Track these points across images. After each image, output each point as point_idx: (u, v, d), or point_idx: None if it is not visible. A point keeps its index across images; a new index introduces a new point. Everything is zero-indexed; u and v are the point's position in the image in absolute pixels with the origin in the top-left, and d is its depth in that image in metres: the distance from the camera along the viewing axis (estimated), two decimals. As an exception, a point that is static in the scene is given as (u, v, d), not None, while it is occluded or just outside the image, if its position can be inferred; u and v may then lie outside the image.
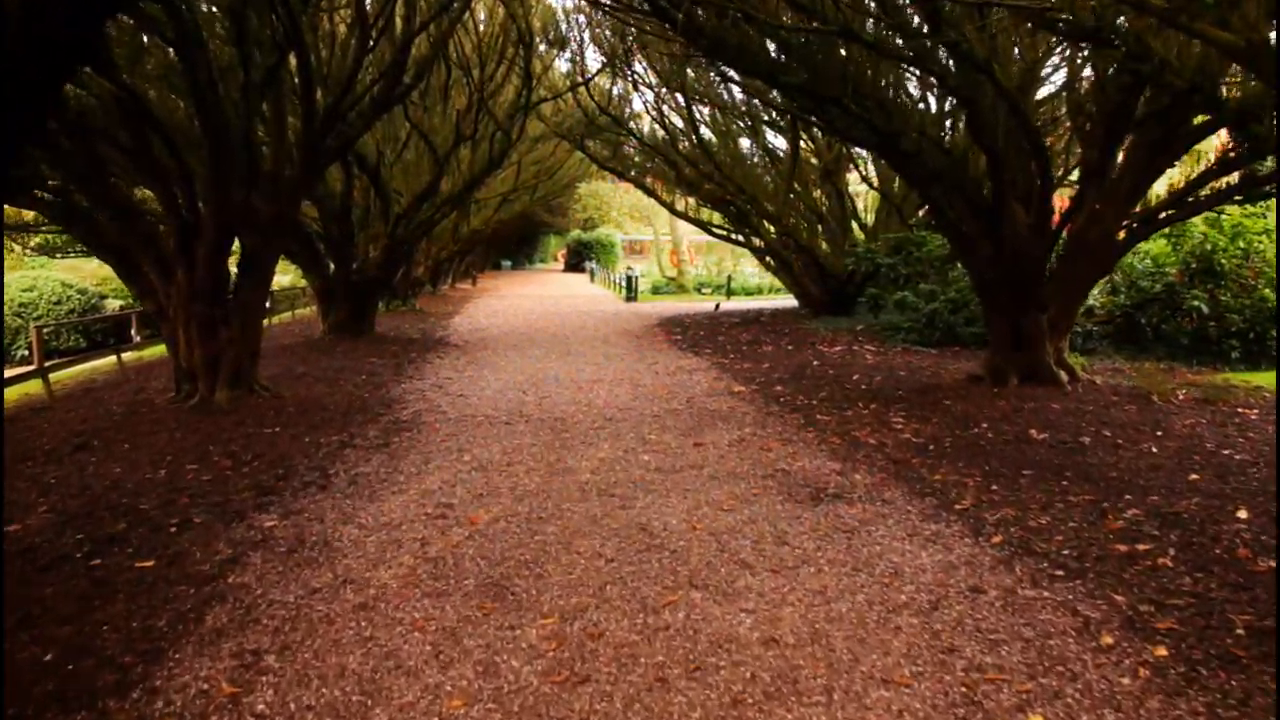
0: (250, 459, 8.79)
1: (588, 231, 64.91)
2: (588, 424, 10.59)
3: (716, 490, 7.67)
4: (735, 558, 6.02)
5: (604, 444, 9.49)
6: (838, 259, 22.26)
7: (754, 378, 14.10)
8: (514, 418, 11.00)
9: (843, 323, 21.48)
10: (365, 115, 12.53)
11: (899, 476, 8.08)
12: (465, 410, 11.48)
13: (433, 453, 9.08)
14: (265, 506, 7.20)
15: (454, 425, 10.52)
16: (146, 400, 11.90)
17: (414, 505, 7.23)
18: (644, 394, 12.77)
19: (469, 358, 16.86)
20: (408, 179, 20.64)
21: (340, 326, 19.07)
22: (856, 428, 10.12)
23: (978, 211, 11.23)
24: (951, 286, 17.87)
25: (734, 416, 11.03)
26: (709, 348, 18.28)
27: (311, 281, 19.55)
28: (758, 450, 9.18)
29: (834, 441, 9.52)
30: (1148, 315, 16.38)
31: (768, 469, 8.39)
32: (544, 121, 23.85)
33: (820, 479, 8.02)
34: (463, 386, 13.46)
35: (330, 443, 9.51)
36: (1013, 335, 12.16)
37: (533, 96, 18.79)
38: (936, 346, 17.23)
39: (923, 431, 9.79)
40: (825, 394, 12.38)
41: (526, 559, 6.00)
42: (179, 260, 10.93)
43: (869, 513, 7.00)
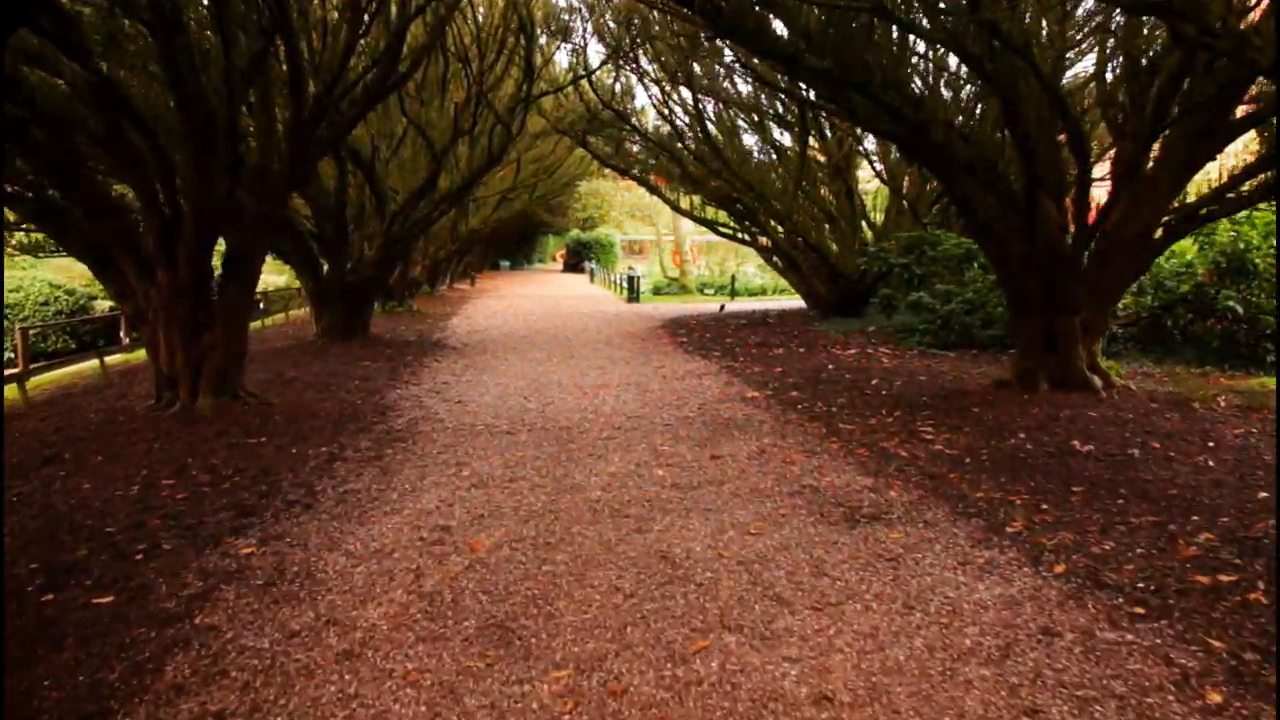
0: (231, 473, 8.10)
1: (587, 231, 64.28)
2: (595, 434, 9.91)
3: (740, 510, 6.98)
4: (770, 592, 5.34)
5: (613, 456, 8.81)
6: (848, 259, 21.59)
7: (767, 383, 13.42)
8: (516, 427, 10.32)
9: (853, 324, 20.81)
10: (358, 105, 11.83)
11: (938, 493, 7.40)
12: (464, 418, 10.80)
13: (429, 466, 8.39)
14: (243, 530, 6.51)
15: (452, 435, 9.84)
16: (126, 407, 11.22)
17: (408, 528, 6.54)
18: (653, 400, 12.08)
19: (467, 361, 16.18)
20: (404, 176, 19.96)
21: (334, 329, 18.37)
22: (883, 438, 9.44)
23: (1010, 207, 10.55)
24: (968, 287, 17.20)
25: (750, 425, 10.35)
26: (717, 351, 17.60)
27: (304, 282, 18.85)
28: (780, 463, 8.50)
29: (861, 453, 8.84)
30: (1174, 317, 15.73)
31: (794, 485, 7.71)
32: (544, 117, 23.17)
33: (852, 497, 7.34)
34: (461, 392, 12.78)
35: (319, 455, 8.82)
36: (1044, 338, 11.47)
37: (534, 90, 18.10)
38: (953, 349, 16.56)
39: (955, 442, 9.11)
40: (844, 400, 11.71)
41: (534, 594, 5.31)
42: (159, 259, 10.24)
43: (912, 537, 6.32)
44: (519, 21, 16.53)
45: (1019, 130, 9.66)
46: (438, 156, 17.97)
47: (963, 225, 11.83)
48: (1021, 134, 9.72)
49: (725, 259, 45.68)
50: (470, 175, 19.45)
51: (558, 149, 31.15)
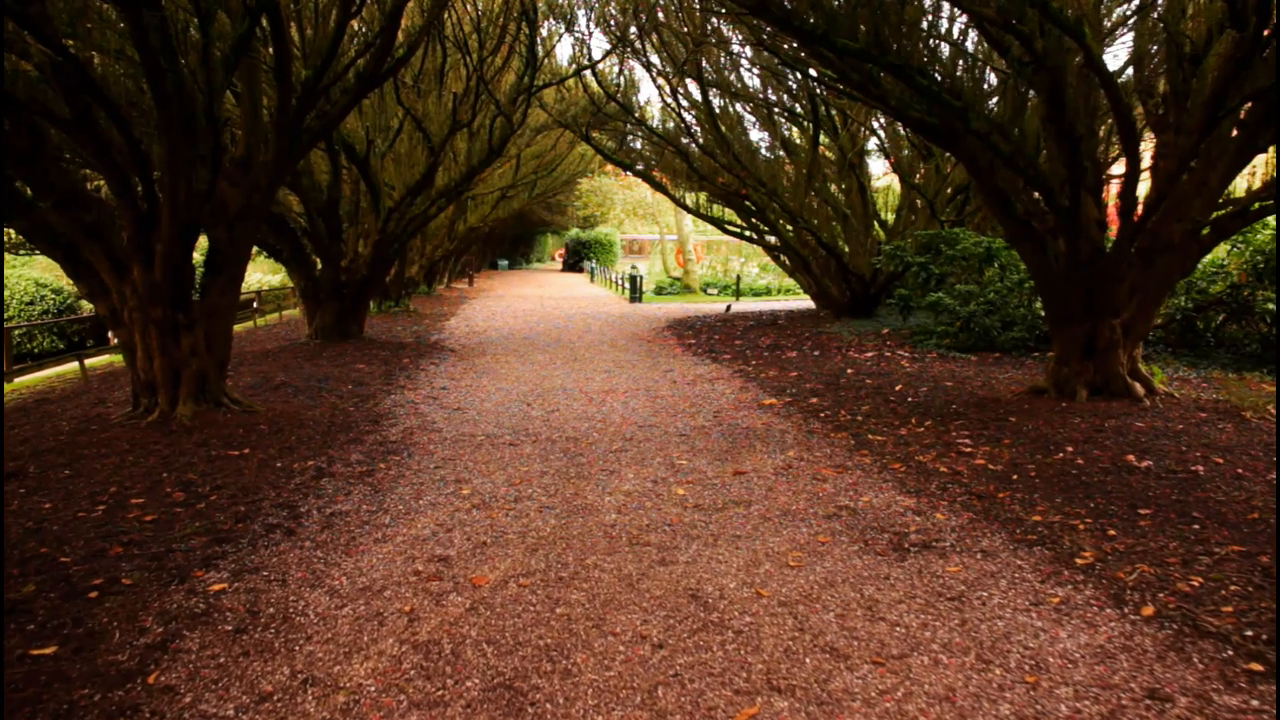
0: (208, 491, 7.35)
1: (586, 230, 63.54)
2: (605, 445, 9.17)
3: (774, 537, 6.24)
4: (821, 641, 4.59)
5: (627, 471, 8.06)
6: (860, 258, 20.85)
7: (784, 388, 12.68)
8: (519, 437, 9.58)
9: (866, 326, 20.07)
10: (351, 92, 11.06)
11: (990, 516, 6.66)
12: (463, 428, 10.05)
13: (425, 484, 7.64)
14: (216, 560, 5.76)
15: (450, 446, 9.09)
16: (102, 415, 10.46)
17: (401, 559, 5.79)
18: (664, 408, 11.34)
19: (466, 365, 15.43)
20: (400, 170, 19.19)
21: (327, 330, 17.62)
22: (918, 451, 8.71)
23: (1050, 204, 9.82)
24: (988, 288, 16.47)
25: (772, 436, 9.62)
26: (727, 353, 16.87)
27: (296, 281, 18.09)
28: (810, 480, 7.76)
29: (897, 469, 8.10)
30: (1207, 319, 15.03)
31: (829, 506, 6.97)
32: (546, 110, 22.39)
33: (896, 520, 6.60)
34: (460, 398, 12.04)
35: (305, 470, 8.07)
36: (1083, 343, 10.74)
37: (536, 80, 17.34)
38: (973, 352, 15.84)
39: (998, 456, 8.38)
40: (869, 408, 10.98)
41: (547, 644, 4.56)
42: (134, 256, 9.49)
43: (971, 569, 5.58)
44: (521, 7, 15.77)
45: (1064, 119, 8.93)
46: (435, 150, 17.20)
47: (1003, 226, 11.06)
48: (1067, 123, 8.98)
49: (728, 258, 44.94)
50: (469, 169, 18.67)
51: (559, 144, 30.38)
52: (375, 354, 16.26)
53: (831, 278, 22.08)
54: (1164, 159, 10.31)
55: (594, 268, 53.10)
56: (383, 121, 17.80)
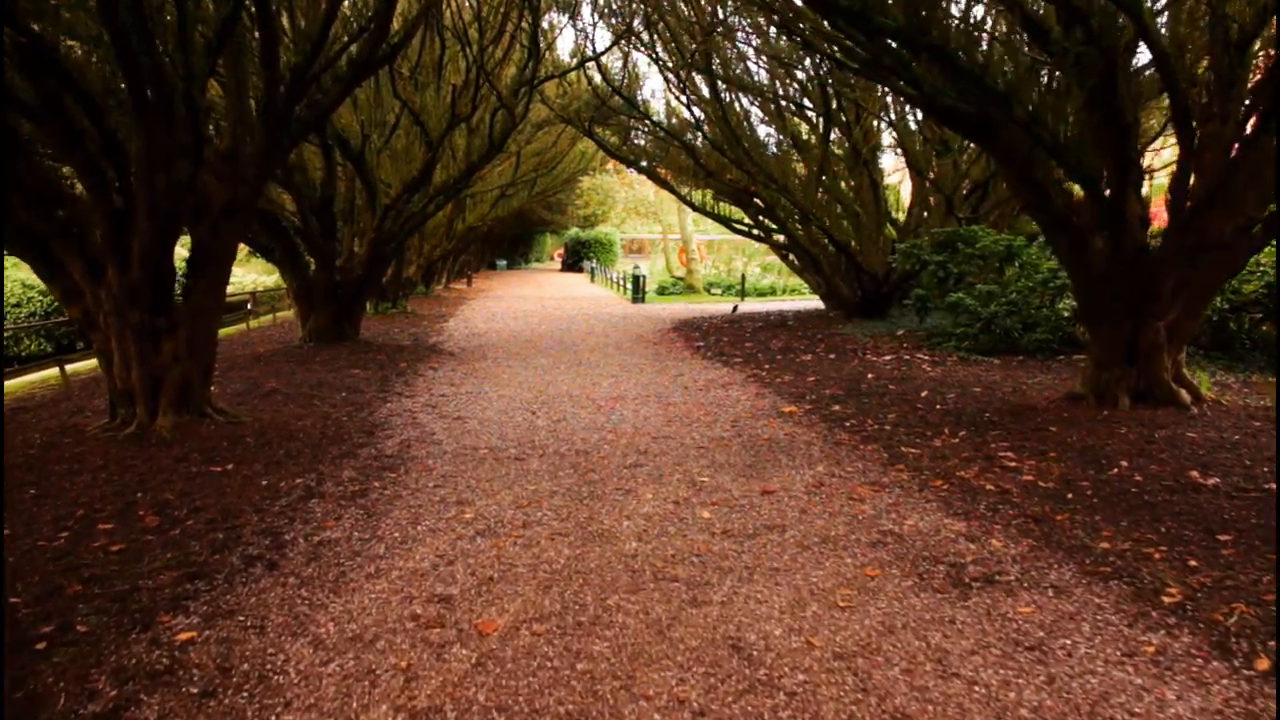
0: (184, 514, 6.66)
1: (586, 230, 62.83)
2: (618, 459, 8.48)
3: (816, 569, 5.55)
4: (890, 706, 3.91)
5: (644, 490, 7.37)
6: (874, 256, 20.16)
7: (803, 394, 11.99)
8: (525, 450, 8.89)
9: (879, 327, 19.38)
10: (343, 81, 10.36)
11: (1051, 543, 5.98)
12: (464, 439, 9.36)
13: (423, 506, 6.94)
14: (186, 600, 5.07)
15: (450, 461, 8.40)
16: (78, 426, 9.75)
17: (397, 599, 5.10)
18: (678, 416, 10.66)
19: (466, 369, 14.73)
20: (397, 167, 18.48)
21: (321, 332, 16.92)
22: (958, 465, 8.03)
23: (1095, 198, 9.15)
24: (1009, 288, 15.78)
25: (796, 447, 8.94)
26: (738, 356, 16.18)
27: (289, 282, 17.39)
28: (846, 500, 7.07)
29: (938, 486, 7.42)
30: (1240, 320, 14.35)
31: (871, 531, 6.29)
32: (548, 104, 21.69)
33: (949, 548, 5.92)
34: (460, 406, 11.34)
35: (292, 489, 7.37)
36: (1124, 347, 10.06)
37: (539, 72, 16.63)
38: (994, 355, 15.16)
39: (1047, 472, 7.69)
40: (895, 416, 10.30)
41: (569, 712, 3.87)
42: (109, 255, 8.79)
43: (1046, 610, 4.90)
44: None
45: (1115, 105, 8.25)
46: (433, 145, 16.49)
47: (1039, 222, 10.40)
48: (1116, 109, 8.30)
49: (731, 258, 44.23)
50: (469, 165, 17.95)
51: (559, 142, 29.68)
52: (371, 358, 15.57)
53: (842, 277, 21.40)
54: (1209, 150, 9.63)
55: (594, 267, 52.42)
56: (379, 116, 17.10)
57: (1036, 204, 9.88)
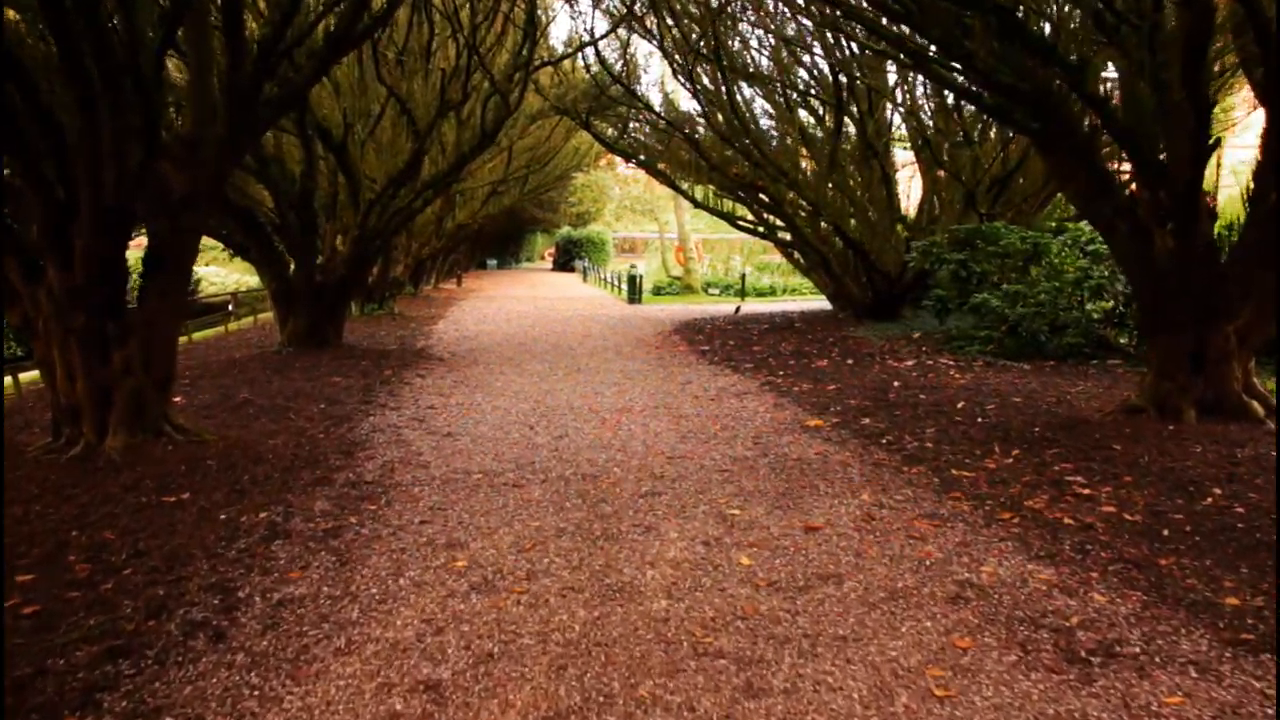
0: (123, 560, 5.57)
1: (578, 229, 61.79)
2: (632, 486, 7.41)
3: (892, 638, 4.49)
4: None
5: (667, 527, 6.30)
6: (886, 254, 19.11)
7: (826, 405, 10.95)
8: (524, 474, 7.82)
9: (893, 329, 18.33)
10: (318, 57, 9.26)
11: (1166, 597, 4.94)
12: (454, 461, 8.28)
13: (407, 549, 5.85)
14: (102, 692, 3.97)
15: (439, 489, 7.31)
16: (18, 446, 8.63)
17: (372, 687, 4.01)
18: (692, 431, 9.60)
19: (457, 376, 13.64)
20: (382, 159, 17.38)
21: (301, 336, 15.80)
22: (1023, 493, 6.99)
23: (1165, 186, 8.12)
24: (1037, 289, 14.75)
25: (832, 470, 7.88)
26: (747, 361, 15.12)
27: (267, 283, 16.26)
28: (904, 538, 6.02)
29: (1008, 520, 6.38)
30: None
31: (945, 582, 5.23)
32: (543, 94, 20.59)
33: (1044, 605, 4.87)
34: (450, 419, 10.26)
35: (254, 527, 6.28)
36: (1191, 354, 9.04)
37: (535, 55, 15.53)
38: (1022, 359, 14.14)
39: (1130, 502, 6.66)
40: (934, 431, 9.26)
41: None
42: (49, 253, 7.70)
43: (1198, 699, 3.85)
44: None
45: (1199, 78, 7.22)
46: (421, 135, 15.37)
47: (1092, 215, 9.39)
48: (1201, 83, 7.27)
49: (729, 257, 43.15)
50: (459, 157, 16.79)
51: (553, 136, 28.56)
52: (354, 364, 14.46)
53: (852, 276, 20.36)
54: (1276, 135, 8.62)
55: (587, 267, 51.37)
56: (363, 104, 16.00)
57: (1094, 194, 8.85)
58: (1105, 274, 14.20)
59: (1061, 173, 9.82)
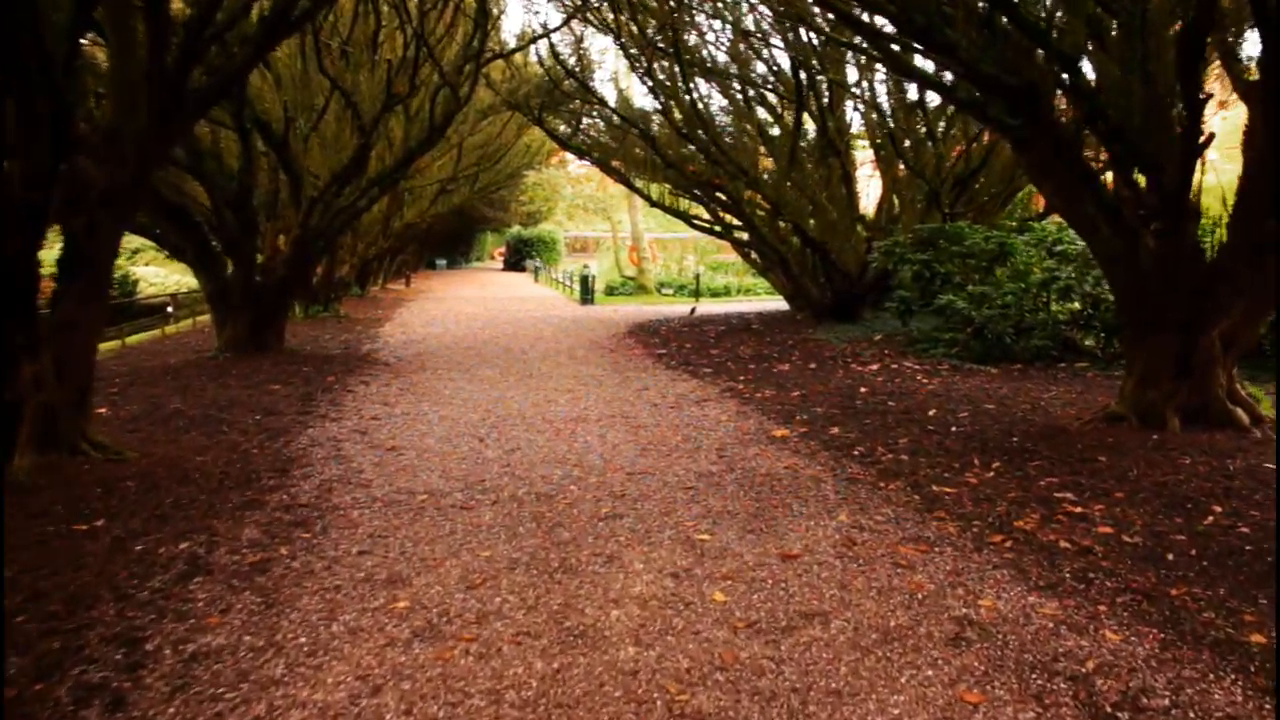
0: (19, 603, 4.92)
1: (529, 228, 61.10)
2: (590, 507, 6.85)
3: (892, 691, 3.97)
4: None
5: (631, 556, 5.75)
6: (847, 254, 18.68)
7: (791, 412, 10.45)
8: (474, 494, 7.23)
9: (854, 331, 17.90)
10: (253, 41, 8.59)
11: (1184, 634, 4.48)
12: (398, 480, 7.66)
13: (343, 588, 5.23)
14: (-29, 776, 3.38)
15: (381, 513, 6.70)
16: (-79, 464, 7.92)
17: (294, 765, 3.44)
18: (652, 443, 9.06)
19: (403, 383, 12.98)
20: (326, 156, 16.64)
21: (239, 341, 15.05)
22: (1011, 511, 6.52)
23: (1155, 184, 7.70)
24: (1004, 289, 14.39)
25: (804, 486, 7.37)
26: (706, 365, 14.59)
27: (203, 285, 15.45)
28: (891, 567, 5.51)
29: (999, 543, 5.90)
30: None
31: (941, 618, 4.73)
32: (494, 89, 19.93)
33: (1052, 644, 4.38)
34: (395, 431, 9.64)
35: (172, 560, 5.64)
36: (1176, 359, 8.65)
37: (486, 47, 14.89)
38: (989, 363, 13.76)
39: (1126, 521, 6.21)
40: (908, 441, 8.80)
41: None
42: (-53, 255, 7.00)
43: (1247, 770, 3.38)
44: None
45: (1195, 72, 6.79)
46: (367, 129, 14.67)
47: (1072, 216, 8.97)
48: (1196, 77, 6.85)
49: (682, 257, 42.62)
50: (406, 153, 16.08)
51: (504, 133, 27.88)
52: (295, 370, 13.76)
53: (811, 277, 19.92)
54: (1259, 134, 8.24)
55: (539, 266, 50.69)
56: (306, 98, 15.27)
57: (1075, 193, 8.43)
58: (1073, 275, 13.86)
59: (1038, 171, 9.39)
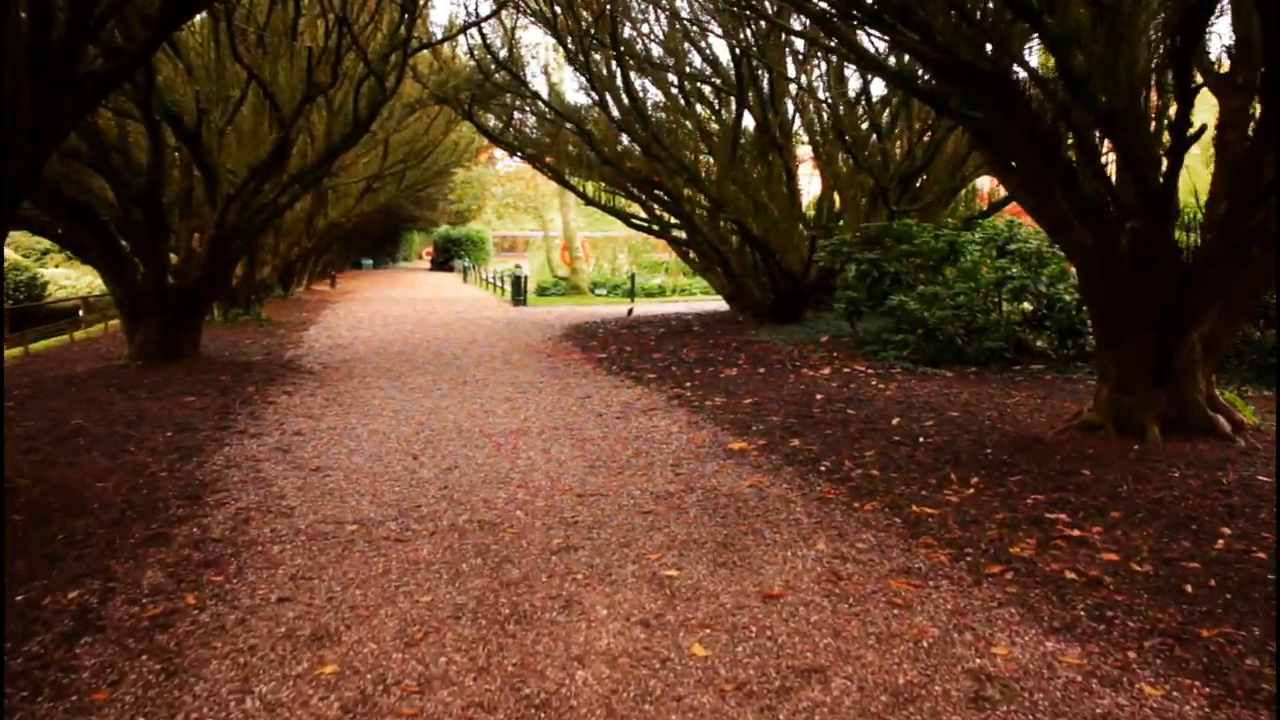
0: None
1: (457, 227, 60.07)
2: (540, 536, 6.15)
3: (919, 778, 3.36)
4: None
5: (593, 600, 5.05)
6: (791, 254, 18.14)
7: (745, 422, 9.85)
8: (409, 522, 6.49)
9: (798, 332, 17.36)
10: (155, 23, 7.73)
11: (1232, 687, 3.95)
12: (324, 507, 6.88)
13: (260, 646, 4.46)
14: None
15: (304, 548, 5.92)
16: None
17: None
18: (601, 459, 8.38)
19: (329, 392, 12.13)
20: (243, 151, 15.67)
21: (151, 348, 14.05)
22: (1003, 535, 5.96)
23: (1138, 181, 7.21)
24: (954, 289, 13.96)
25: (772, 509, 6.75)
26: (650, 370, 13.94)
27: (111, 288, 14.44)
28: (887, 608, 4.89)
29: (998, 575, 5.32)
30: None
31: (955, 671, 4.13)
32: (422, 82, 19.06)
33: (1092, 709, 3.81)
34: (320, 449, 8.83)
35: (60, 613, 4.83)
36: (1153, 365, 8.20)
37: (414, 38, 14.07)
38: (942, 365, 13.31)
39: (1130, 545, 5.68)
40: (875, 454, 8.24)
41: None
42: None
43: None
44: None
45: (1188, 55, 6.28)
46: (286, 122, 13.77)
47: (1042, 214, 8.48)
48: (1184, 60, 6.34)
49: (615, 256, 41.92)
50: (329, 148, 15.16)
51: (431, 129, 26.94)
52: (212, 380, 12.81)
53: (752, 276, 19.36)
54: (1232, 128, 7.82)
55: (467, 266, 49.70)
56: (220, 89, 14.31)
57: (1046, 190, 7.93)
58: (1027, 275, 13.46)
59: (1002, 166, 8.90)
